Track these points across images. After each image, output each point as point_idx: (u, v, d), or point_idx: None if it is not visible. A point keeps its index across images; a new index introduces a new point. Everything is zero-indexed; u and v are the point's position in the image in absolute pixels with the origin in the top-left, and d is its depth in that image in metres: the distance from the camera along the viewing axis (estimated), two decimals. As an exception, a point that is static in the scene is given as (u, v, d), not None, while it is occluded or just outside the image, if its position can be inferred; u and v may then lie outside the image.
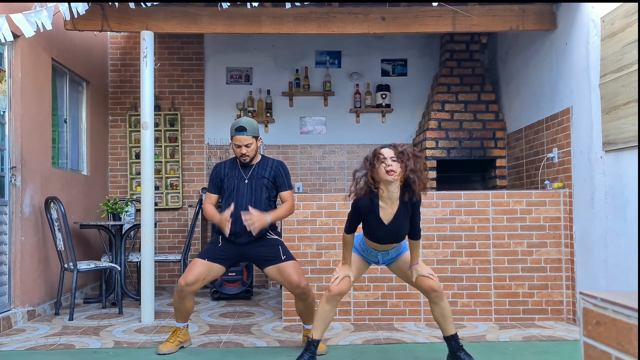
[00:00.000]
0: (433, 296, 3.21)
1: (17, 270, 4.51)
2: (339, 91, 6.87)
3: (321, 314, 3.20)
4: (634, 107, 3.52)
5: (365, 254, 3.28)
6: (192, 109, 6.90)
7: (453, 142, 6.03)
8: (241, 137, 3.59)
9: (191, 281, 3.50)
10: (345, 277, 3.18)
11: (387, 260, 3.31)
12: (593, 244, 4.13)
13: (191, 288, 3.51)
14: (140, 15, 4.68)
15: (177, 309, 3.65)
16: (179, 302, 3.60)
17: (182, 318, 3.69)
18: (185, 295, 3.54)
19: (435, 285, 3.20)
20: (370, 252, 3.25)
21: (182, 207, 6.77)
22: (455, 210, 4.57)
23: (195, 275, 3.51)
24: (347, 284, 3.18)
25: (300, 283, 3.51)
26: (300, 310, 3.67)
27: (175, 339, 3.69)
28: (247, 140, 3.59)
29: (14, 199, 4.53)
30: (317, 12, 4.77)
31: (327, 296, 3.16)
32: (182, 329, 3.72)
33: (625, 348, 1.02)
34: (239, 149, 3.61)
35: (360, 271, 3.31)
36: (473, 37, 6.28)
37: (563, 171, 4.63)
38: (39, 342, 3.93)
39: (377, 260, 3.29)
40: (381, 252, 3.25)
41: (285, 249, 3.63)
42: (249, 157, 3.64)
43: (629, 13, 3.62)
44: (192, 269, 3.53)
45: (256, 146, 3.66)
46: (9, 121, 4.49)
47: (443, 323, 3.25)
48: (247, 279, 5.68)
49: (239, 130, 3.59)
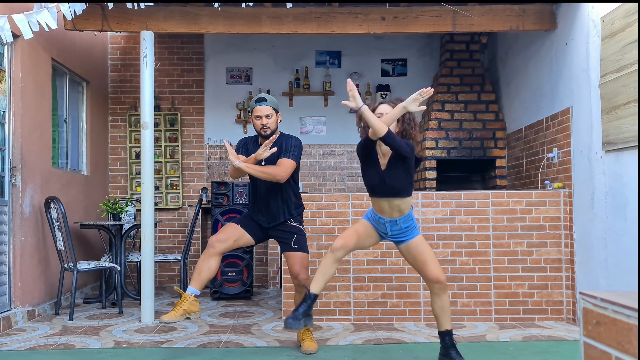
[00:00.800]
0: (437, 288, 3.18)
1: (17, 270, 4.51)
2: (339, 91, 6.87)
3: (322, 265, 3.17)
4: (634, 107, 3.52)
5: (375, 223, 3.23)
6: (192, 109, 6.90)
7: (453, 142, 6.03)
8: (261, 107, 3.57)
9: (223, 238, 3.51)
10: (352, 234, 3.16)
11: (397, 233, 3.20)
12: (593, 244, 4.13)
13: (222, 245, 3.50)
14: (140, 15, 4.68)
15: (199, 269, 3.46)
16: (203, 260, 3.47)
17: (198, 282, 3.45)
18: (213, 253, 3.47)
19: (442, 276, 3.18)
20: (379, 220, 3.19)
21: (182, 207, 6.77)
22: (455, 210, 4.57)
23: (228, 234, 3.54)
24: (352, 239, 3.15)
25: (299, 275, 3.54)
26: (297, 302, 3.67)
27: (180, 307, 3.36)
28: (268, 110, 3.57)
29: (14, 199, 4.53)
30: (317, 12, 4.77)
31: (330, 249, 3.14)
32: (190, 296, 3.41)
33: (625, 348, 1.02)
34: (259, 120, 3.57)
35: (369, 236, 3.24)
36: (473, 37, 6.28)
37: (563, 171, 4.63)
38: (39, 342, 3.93)
39: (386, 231, 3.20)
40: (389, 221, 3.16)
41: (298, 240, 3.64)
42: (270, 129, 3.58)
43: (629, 13, 3.62)
44: (225, 229, 3.57)
45: (276, 119, 3.63)
46: (9, 121, 4.49)
47: (441, 317, 3.23)
48: (247, 279, 5.68)
49: (259, 101, 3.59)
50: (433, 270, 3.18)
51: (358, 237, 3.21)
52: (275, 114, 3.61)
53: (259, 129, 3.59)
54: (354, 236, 3.18)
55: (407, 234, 3.21)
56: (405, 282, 4.53)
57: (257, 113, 3.58)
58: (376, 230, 3.26)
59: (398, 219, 3.16)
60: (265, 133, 3.58)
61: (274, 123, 3.60)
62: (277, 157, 3.55)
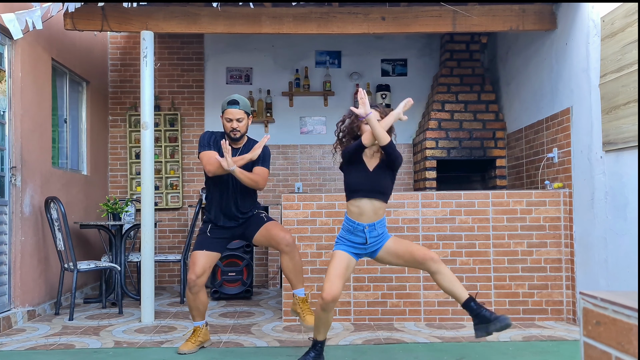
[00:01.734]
0: (433, 266, 3.12)
1: (17, 270, 4.51)
2: (339, 91, 6.88)
3: (319, 320, 3.19)
4: (634, 107, 3.52)
5: (352, 235, 3.16)
6: (192, 109, 6.90)
7: (453, 142, 6.03)
8: (233, 110, 3.56)
9: (199, 272, 3.55)
10: (335, 280, 3.09)
11: (374, 241, 3.18)
12: (593, 244, 4.13)
13: (201, 280, 3.56)
14: (140, 15, 4.69)
15: (194, 307, 3.65)
16: (193, 300, 3.61)
17: (199, 316, 3.69)
18: (198, 290, 3.58)
19: (430, 253, 3.14)
20: (356, 227, 3.14)
21: (182, 207, 6.77)
22: (455, 210, 4.57)
23: (201, 267, 3.57)
24: (338, 286, 3.09)
25: (286, 236, 3.56)
26: (288, 270, 3.61)
27: (196, 339, 3.67)
28: (239, 114, 3.57)
29: (14, 199, 4.53)
30: (317, 12, 4.77)
31: (321, 304, 3.09)
32: (202, 327, 3.71)
33: (625, 348, 1.02)
34: (230, 124, 3.57)
35: (349, 268, 3.19)
36: (473, 37, 6.28)
37: (563, 171, 4.63)
38: (39, 342, 3.93)
39: (365, 239, 3.15)
40: (368, 225, 3.13)
41: (267, 214, 3.75)
42: (240, 133, 3.60)
43: (629, 13, 3.62)
44: (195, 262, 3.58)
45: (247, 123, 3.64)
46: (9, 121, 4.49)
47: (454, 290, 3.13)
48: (247, 279, 5.68)
49: (231, 104, 3.58)
50: (419, 252, 3.15)
51: (341, 279, 3.12)
52: (246, 117, 3.62)
53: (229, 132, 3.60)
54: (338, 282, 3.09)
55: (382, 240, 3.22)
56: (405, 282, 4.53)
57: (229, 116, 3.57)
58: (351, 254, 3.18)
59: (376, 222, 3.16)
60: (234, 136, 3.60)
61: (244, 127, 3.63)
62: (252, 165, 3.58)
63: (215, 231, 3.68)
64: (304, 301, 3.64)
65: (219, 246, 3.69)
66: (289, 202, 4.59)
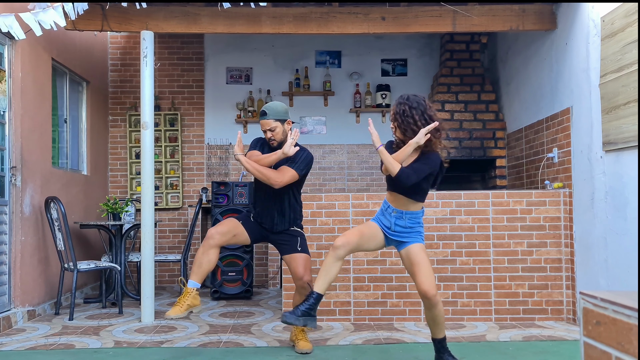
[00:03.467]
0: (425, 302, 3.12)
1: (17, 270, 4.51)
2: (339, 91, 6.88)
3: (324, 265, 3.14)
4: (634, 107, 3.52)
5: (382, 216, 3.21)
6: (192, 109, 6.90)
7: (453, 142, 6.03)
8: (263, 121, 3.61)
9: (223, 231, 3.52)
10: (355, 233, 3.14)
11: (400, 231, 3.17)
12: (593, 244, 4.13)
13: (221, 238, 3.51)
14: (140, 15, 4.69)
15: (198, 262, 3.48)
16: (203, 253, 3.48)
17: (199, 275, 3.49)
18: (212, 245, 3.48)
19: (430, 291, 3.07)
20: (387, 208, 3.19)
21: (182, 207, 6.77)
22: (455, 210, 4.57)
23: (228, 228, 3.56)
24: (354, 238, 3.11)
25: (304, 276, 3.57)
26: (295, 304, 3.64)
27: (184, 302, 3.42)
28: (270, 124, 3.58)
29: (14, 199, 4.53)
30: (317, 12, 4.77)
31: (332, 247, 3.12)
32: (192, 290, 3.47)
33: (625, 348, 1.02)
34: (265, 134, 3.64)
35: (374, 237, 3.20)
36: (473, 37, 6.28)
37: (563, 171, 4.63)
38: (39, 342, 3.93)
39: (390, 224, 3.16)
40: (397, 212, 3.15)
41: (302, 242, 3.70)
42: (276, 141, 3.61)
43: (629, 13, 3.62)
44: (226, 222, 3.60)
45: (282, 130, 3.61)
46: (9, 121, 4.49)
47: (432, 327, 3.21)
48: (247, 279, 5.68)
49: (261, 115, 3.62)
50: (423, 284, 3.09)
51: (361, 237, 3.16)
52: (279, 124, 3.59)
53: (268, 141, 3.66)
54: (356, 235, 3.15)
55: (410, 236, 3.17)
56: (405, 282, 4.53)
57: (262, 128, 3.63)
58: (382, 231, 3.20)
59: (405, 212, 3.15)
60: (273, 145, 3.63)
61: (279, 134, 3.60)
62: (283, 164, 3.55)
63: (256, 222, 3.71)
64: (302, 331, 3.71)
65: (253, 232, 3.66)
66: (289, 202, 4.58)
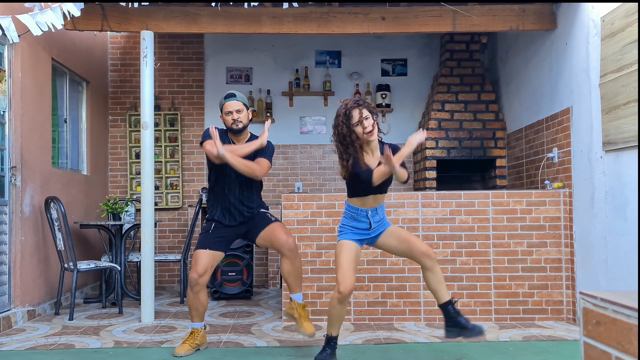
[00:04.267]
0: (428, 262, 3.18)
1: (17, 270, 4.51)
2: (339, 91, 6.87)
3: (335, 315, 3.21)
4: (634, 107, 3.52)
5: (355, 222, 3.20)
6: (192, 109, 6.90)
7: (453, 142, 6.03)
8: (231, 102, 3.59)
9: (202, 271, 3.52)
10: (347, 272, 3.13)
11: (377, 225, 3.23)
12: (593, 244, 4.13)
13: (203, 279, 3.54)
14: (140, 15, 4.68)
15: (193, 307, 3.62)
16: (194, 299, 3.58)
17: (198, 316, 3.65)
18: (199, 289, 3.55)
19: (430, 249, 3.20)
20: (359, 212, 3.18)
21: (182, 207, 6.77)
22: (455, 210, 4.57)
23: (203, 266, 3.54)
24: (352, 278, 3.15)
25: (288, 240, 3.56)
26: (288, 273, 3.61)
27: (193, 341, 3.62)
28: (237, 105, 3.60)
29: (14, 199, 4.53)
30: (317, 12, 4.77)
31: (338, 298, 3.13)
32: (200, 330, 3.66)
33: (625, 348, 1.02)
34: (230, 116, 3.59)
35: (358, 256, 3.25)
36: (473, 37, 6.28)
37: (563, 171, 4.63)
38: (39, 342, 3.93)
39: (369, 223, 3.19)
40: (370, 210, 3.19)
41: (271, 214, 3.74)
42: (242, 124, 3.61)
43: (629, 13, 3.62)
44: (197, 261, 3.56)
45: (247, 115, 3.65)
46: (9, 121, 4.49)
47: (439, 290, 3.23)
48: (247, 279, 5.68)
49: (228, 97, 3.61)
50: (420, 246, 3.21)
51: (353, 269, 3.17)
52: (245, 109, 3.64)
53: (230, 124, 3.61)
54: (350, 274, 3.13)
55: (383, 224, 3.29)
56: (405, 282, 4.53)
57: (228, 109, 3.60)
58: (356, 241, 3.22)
59: (378, 207, 3.22)
60: (237, 127, 3.60)
61: (245, 117, 3.63)
62: (253, 157, 3.58)
63: (218, 230, 3.66)
64: (303, 307, 3.64)
65: (222, 245, 3.67)
66: (289, 202, 4.58)
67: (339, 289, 3.10)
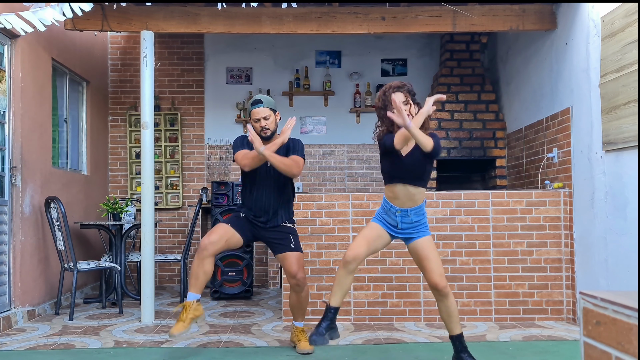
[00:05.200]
0: (437, 294, 3.16)
1: (17, 270, 4.51)
2: (339, 91, 6.87)
3: (337, 279, 3.14)
4: (634, 107, 3.52)
5: (386, 215, 3.18)
6: (192, 109, 6.90)
7: (453, 142, 6.03)
8: (258, 109, 3.53)
9: (215, 240, 3.44)
10: (361, 242, 3.11)
11: (407, 227, 3.15)
12: (593, 244, 4.13)
13: (214, 247, 3.44)
14: (140, 15, 4.69)
15: (195, 274, 3.42)
16: (198, 265, 3.42)
17: (197, 286, 3.44)
18: (206, 255, 3.41)
19: (441, 283, 3.11)
20: (390, 208, 3.14)
21: (182, 207, 6.77)
22: (455, 210, 4.57)
23: (219, 235, 3.47)
24: (363, 249, 3.09)
25: (297, 274, 3.53)
26: (292, 303, 3.66)
27: (186, 316, 3.38)
28: (265, 112, 3.54)
29: (14, 199, 4.53)
30: (317, 12, 4.77)
31: (343, 261, 3.11)
32: (194, 303, 3.43)
33: (625, 348, 1.02)
34: (258, 123, 3.55)
35: (380, 237, 3.18)
36: (473, 37, 6.28)
37: (563, 171, 4.63)
38: (39, 342, 3.93)
39: (396, 222, 3.14)
40: (401, 210, 3.12)
41: (296, 240, 3.65)
42: (270, 131, 3.56)
43: (629, 13, 3.62)
44: (216, 229, 3.51)
45: (275, 119, 3.61)
46: (9, 121, 4.49)
47: (448, 322, 3.20)
48: (247, 279, 5.68)
49: (255, 104, 3.55)
50: (433, 277, 3.13)
51: (368, 243, 3.14)
52: (273, 114, 3.59)
53: (259, 132, 3.55)
54: (363, 244, 3.12)
55: (417, 230, 3.16)
56: (405, 282, 4.53)
57: (255, 116, 3.55)
58: (386, 229, 3.19)
59: (409, 209, 3.12)
60: (265, 135, 3.55)
61: (273, 123, 3.58)
62: (285, 155, 3.54)
63: (247, 220, 3.63)
64: (302, 331, 3.69)
65: (244, 232, 3.59)
66: (289, 202, 4.58)
67: (346, 253, 3.10)
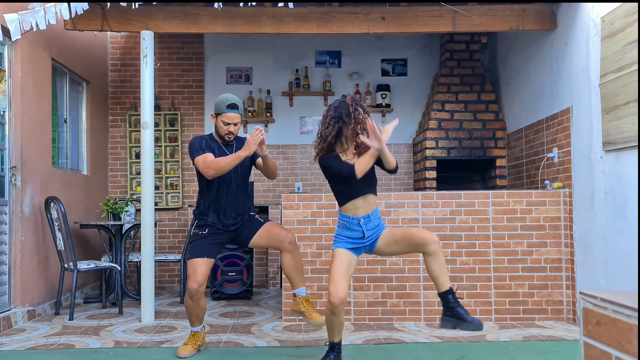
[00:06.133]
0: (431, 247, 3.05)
1: (17, 270, 4.51)
2: (339, 91, 6.86)
3: (332, 324, 3.15)
4: (634, 107, 3.52)
5: (348, 231, 3.14)
6: (192, 109, 6.90)
7: (453, 142, 6.03)
8: (233, 115, 3.51)
9: (202, 281, 3.48)
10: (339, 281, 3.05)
11: (371, 233, 3.15)
12: (593, 244, 4.13)
13: (203, 288, 3.51)
14: (140, 15, 4.69)
15: (194, 313, 3.58)
16: (193, 307, 3.54)
17: (199, 321, 3.64)
18: (199, 298, 3.52)
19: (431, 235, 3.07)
20: (351, 221, 3.12)
21: (182, 207, 6.77)
22: (455, 210, 4.57)
23: (202, 275, 3.49)
24: (344, 287, 3.05)
25: (288, 234, 3.57)
26: (290, 268, 3.58)
27: (195, 342, 3.63)
28: (238, 118, 3.54)
29: (14, 199, 4.53)
30: (317, 12, 4.77)
31: (329, 309, 3.06)
32: (201, 331, 3.67)
33: (625, 348, 1.02)
34: (227, 127, 3.52)
35: (351, 265, 3.15)
36: (473, 37, 6.28)
37: (563, 171, 4.63)
38: (39, 342, 3.93)
39: (362, 233, 3.13)
40: (363, 218, 3.12)
41: (260, 216, 3.75)
42: (234, 136, 3.58)
43: (629, 13, 3.62)
44: (196, 270, 3.48)
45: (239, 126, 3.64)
46: (9, 121, 4.49)
47: (440, 277, 3.10)
48: (247, 279, 5.68)
49: (232, 108, 3.50)
50: (419, 234, 3.09)
51: (345, 278, 3.09)
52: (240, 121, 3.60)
53: (224, 134, 3.55)
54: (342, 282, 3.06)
55: (378, 231, 3.19)
56: (405, 282, 4.53)
57: (227, 120, 3.51)
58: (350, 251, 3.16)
59: (370, 214, 3.15)
60: (228, 139, 3.57)
61: (238, 129, 3.61)
62: (251, 158, 3.57)
63: (212, 236, 3.60)
64: (307, 300, 3.60)
65: (216, 251, 3.64)
66: (289, 202, 4.59)
67: (330, 299, 3.03)
